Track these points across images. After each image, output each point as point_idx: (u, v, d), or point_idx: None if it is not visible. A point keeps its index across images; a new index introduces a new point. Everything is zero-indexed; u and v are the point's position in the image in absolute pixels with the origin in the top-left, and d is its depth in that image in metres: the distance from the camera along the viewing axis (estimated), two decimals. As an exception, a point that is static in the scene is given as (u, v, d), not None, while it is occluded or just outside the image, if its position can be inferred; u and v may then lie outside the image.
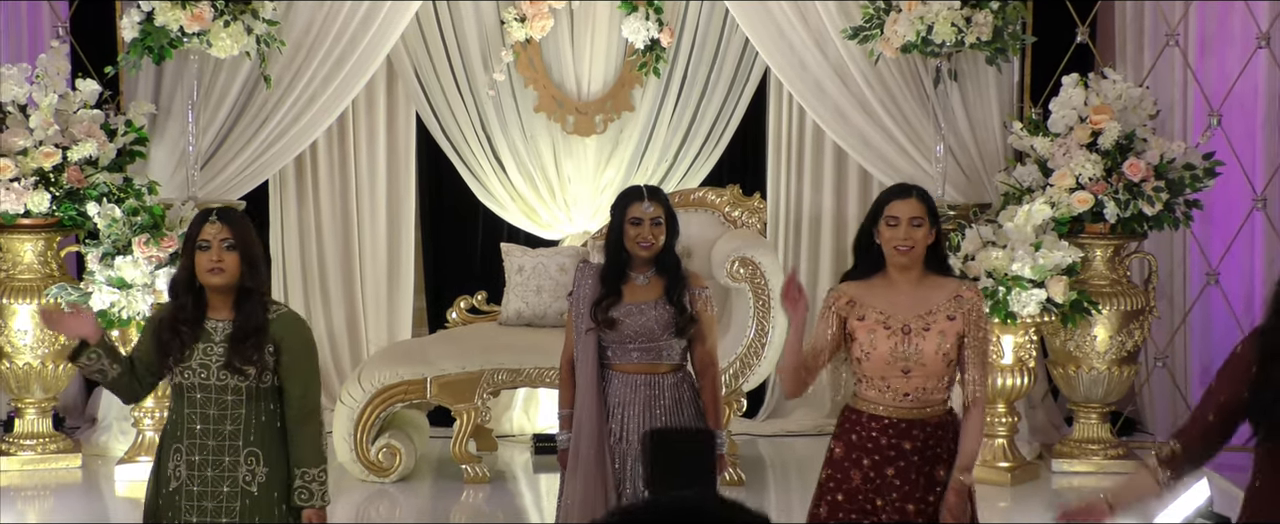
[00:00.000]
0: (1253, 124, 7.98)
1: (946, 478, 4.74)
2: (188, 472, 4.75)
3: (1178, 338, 8.08)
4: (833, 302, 4.78)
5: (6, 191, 6.91)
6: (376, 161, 8.33)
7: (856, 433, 4.76)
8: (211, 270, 4.69)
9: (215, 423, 4.75)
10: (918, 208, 4.71)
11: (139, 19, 7.04)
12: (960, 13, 7.07)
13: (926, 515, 4.74)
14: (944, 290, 4.76)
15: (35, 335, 7.19)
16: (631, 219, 5.32)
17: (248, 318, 4.73)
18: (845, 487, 4.75)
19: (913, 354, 4.68)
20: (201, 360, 4.70)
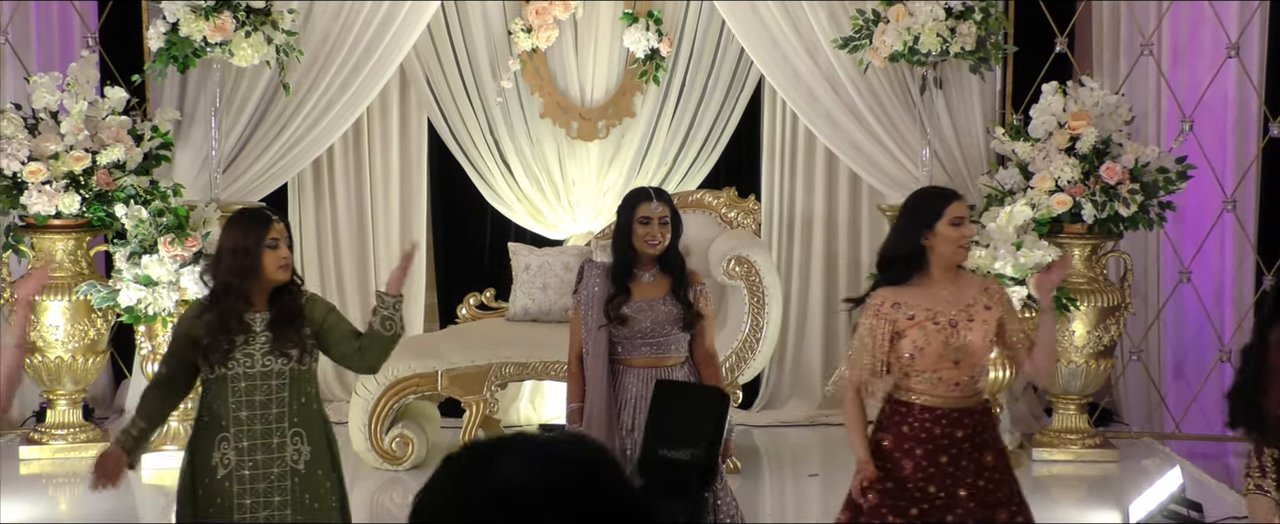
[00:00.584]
0: (1223, 129, 7.99)
1: (995, 462, 4.81)
2: (237, 457, 4.78)
3: (1152, 333, 8.08)
4: (878, 308, 4.78)
5: (39, 193, 6.92)
6: (390, 165, 8.34)
7: (908, 424, 4.78)
8: (282, 267, 4.75)
9: (261, 408, 4.79)
10: (966, 207, 4.82)
11: (165, 30, 7.04)
12: (945, 23, 7.07)
13: (977, 499, 4.77)
14: (974, 284, 4.85)
15: (66, 330, 7.20)
16: (640, 218, 5.33)
17: (286, 306, 4.80)
18: (896, 476, 4.76)
19: (962, 346, 4.73)
20: (245, 351, 4.75)
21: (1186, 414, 8.04)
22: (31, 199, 6.93)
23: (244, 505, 4.80)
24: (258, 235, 4.74)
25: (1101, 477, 6.98)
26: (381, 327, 4.86)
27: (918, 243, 4.75)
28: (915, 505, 4.75)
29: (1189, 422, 8.04)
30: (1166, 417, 8.05)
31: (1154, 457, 7.37)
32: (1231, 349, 7.97)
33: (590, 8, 8.17)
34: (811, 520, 6.35)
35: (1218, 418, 8.11)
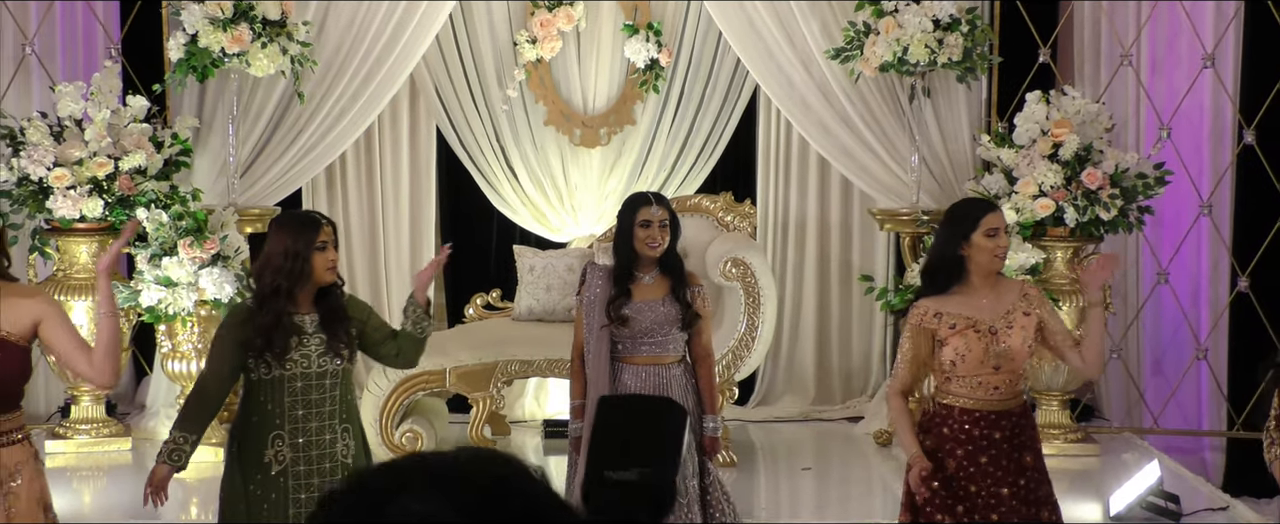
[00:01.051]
0: (1199, 137, 8.00)
1: (1033, 463, 4.83)
2: (292, 454, 4.78)
3: (1131, 332, 8.09)
4: (920, 319, 4.80)
5: (64, 198, 6.93)
6: (400, 170, 8.35)
7: (948, 426, 4.82)
8: (330, 268, 4.76)
9: (316, 406, 4.81)
10: (1003, 218, 4.83)
11: (184, 41, 7.05)
12: (933, 35, 7.09)
13: (1020, 498, 4.80)
14: (1012, 290, 4.87)
15: (89, 330, 7.19)
16: (641, 222, 5.34)
17: (333, 306, 4.82)
18: (939, 475, 4.79)
19: (1002, 352, 4.77)
20: (301, 352, 4.75)
21: (1164, 410, 8.05)
22: (56, 203, 6.94)
23: (299, 500, 4.80)
24: (308, 238, 4.73)
25: (1083, 470, 6.99)
26: (414, 329, 4.92)
27: (956, 253, 4.78)
28: (960, 503, 4.79)
29: (1167, 417, 8.06)
30: (1145, 412, 8.06)
31: (1133, 451, 7.38)
32: (1207, 347, 7.99)
33: (592, 19, 8.19)
34: (804, 512, 6.35)
35: (1194, 414, 8.13)
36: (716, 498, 5.53)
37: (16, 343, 4.14)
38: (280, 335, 4.72)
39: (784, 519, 6.12)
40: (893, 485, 6.83)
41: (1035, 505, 4.82)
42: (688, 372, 5.46)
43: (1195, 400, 8.14)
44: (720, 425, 5.56)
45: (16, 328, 4.14)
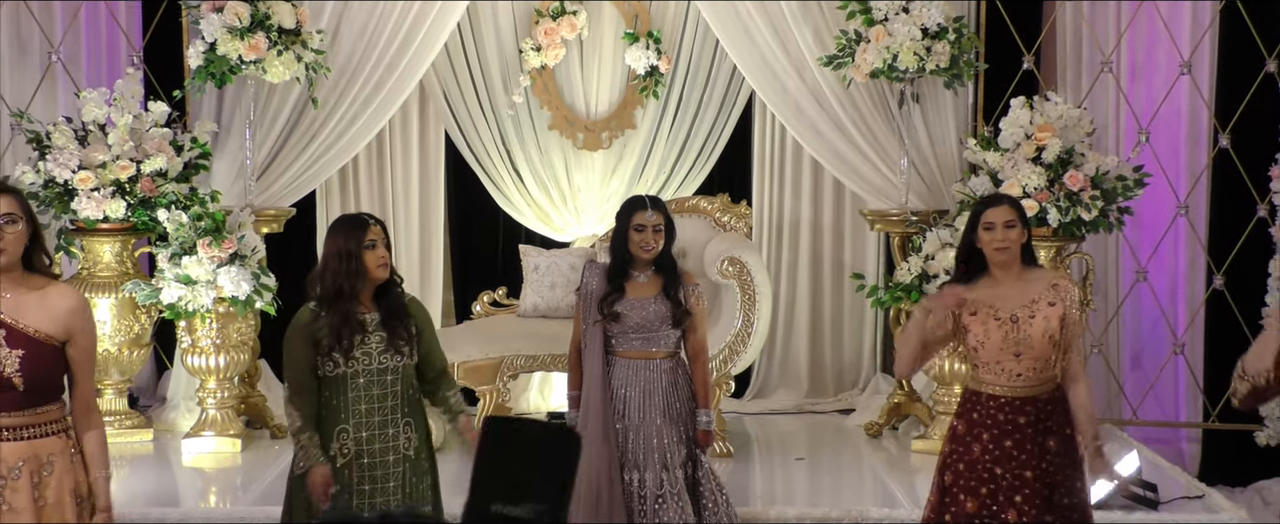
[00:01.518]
0: (1176, 141, 8.01)
1: (1057, 447, 4.85)
2: (356, 447, 4.82)
3: (1111, 327, 8.10)
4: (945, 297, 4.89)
5: (88, 199, 6.94)
6: (410, 173, 8.36)
7: (976, 411, 4.89)
8: (381, 265, 4.79)
9: (379, 401, 4.83)
10: (1009, 213, 4.88)
11: (203, 49, 7.05)
12: (922, 43, 7.09)
13: (1042, 480, 4.84)
14: (1042, 281, 4.90)
15: (113, 325, 7.22)
16: (635, 226, 5.36)
17: (394, 305, 4.85)
18: (966, 458, 4.87)
19: (1022, 339, 4.82)
20: (363, 350, 4.80)
21: (1143, 402, 8.06)
22: (81, 205, 6.96)
23: (363, 491, 4.84)
24: (358, 238, 4.78)
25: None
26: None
27: (974, 245, 4.86)
28: (984, 485, 4.85)
29: (1145, 409, 8.07)
30: (1125, 404, 8.07)
31: (1113, 441, 7.37)
32: (1184, 343, 8.00)
33: (595, 28, 8.20)
34: (799, 501, 6.36)
35: (1172, 406, 8.14)
36: (709, 489, 5.54)
37: (45, 342, 4.14)
38: (348, 333, 4.77)
39: (778, 507, 6.13)
40: (883, 475, 6.84)
41: (1053, 488, 4.86)
42: (679, 366, 5.48)
43: (1173, 393, 8.15)
44: (712, 419, 5.57)
45: (45, 328, 4.14)
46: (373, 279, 4.80)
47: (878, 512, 6.08)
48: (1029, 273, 4.93)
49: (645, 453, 5.42)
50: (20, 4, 7.86)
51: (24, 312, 4.13)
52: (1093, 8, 8.01)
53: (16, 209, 4.13)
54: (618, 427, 5.41)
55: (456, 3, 7.52)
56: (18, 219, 4.12)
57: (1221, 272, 7.91)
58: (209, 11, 7.02)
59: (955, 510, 4.89)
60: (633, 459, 5.43)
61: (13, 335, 4.10)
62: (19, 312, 4.12)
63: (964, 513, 4.87)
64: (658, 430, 5.42)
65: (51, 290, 4.21)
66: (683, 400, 5.49)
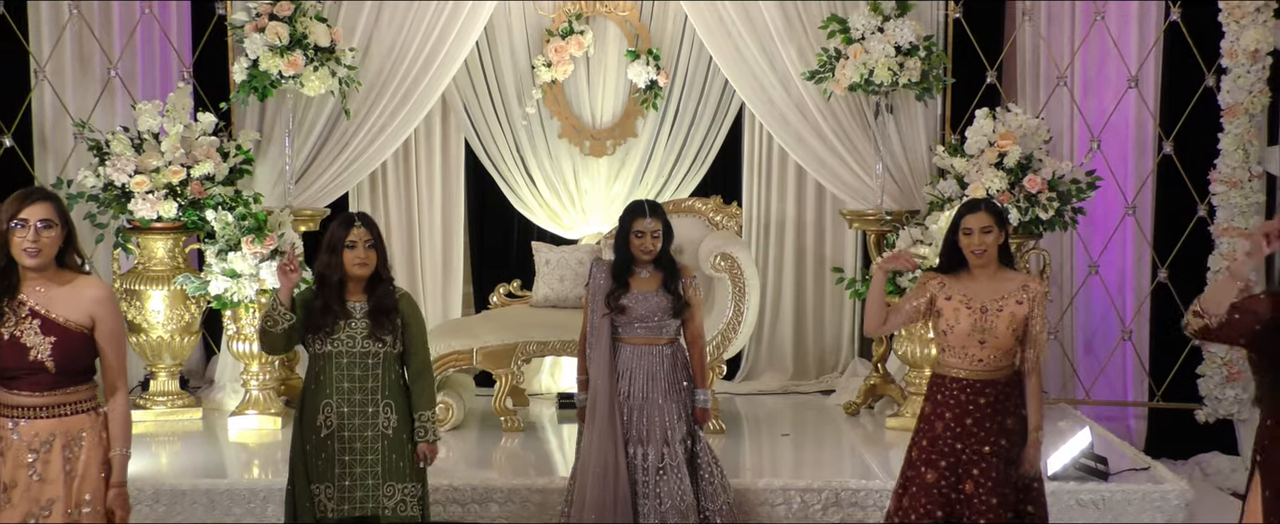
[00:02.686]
0: (1125, 148, 8.02)
1: (1013, 426, 4.93)
2: (339, 421, 4.92)
3: (1066, 316, 8.11)
4: (927, 280, 4.98)
5: (143, 201, 6.95)
6: (433, 177, 8.36)
7: (941, 392, 4.97)
8: (359, 264, 4.84)
9: (360, 381, 4.91)
10: (986, 219, 4.91)
11: (247, 65, 7.07)
12: (895, 59, 7.10)
13: (999, 455, 4.91)
14: (1014, 281, 4.94)
15: (165, 314, 7.23)
16: (635, 232, 5.38)
17: (382, 299, 4.94)
18: (929, 434, 4.97)
19: (988, 328, 4.88)
20: (348, 333, 4.90)
21: (1095, 384, 8.07)
22: (137, 206, 6.97)
23: (344, 461, 4.96)
24: (340, 237, 4.88)
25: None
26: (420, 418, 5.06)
27: (955, 245, 4.89)
28: (944, 458, 4.90)
29: (1097, 390, 8.08)
30: (1078, 385, 8.08)
31: (1067, 419, 7.39)
32: (1132, 330, 8.01)
33: (600, 46, 8.20)
34: (784, 473, 6.37)
35: (1120, 386, 8.15)
36: (706, 461, 5.56)
37: (74, 330, 4.19)
38: (329, 318, 4.89)
39: (766, 479, 6.14)
40: (860, 450, 6.85)
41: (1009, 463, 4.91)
42: (680, 351, 5.51)
43: (1121, 375, 8.16)
44: (709, 398, 5.60)
45: (73, 317, 4.19)
46: (349, 275, 4.88)
47: (855, 482, 6.10)
48: (1004, 272, 4.97)
49: (649, 429, 5.43)
50: (83, 24, 7.86)
51: (54, 303, 4.18)
52: (1049, 27, 8.01)
53: (53, 215, 4.18)
54: (624, 406, 5.43)
55: (476, 23, 7.53)
56: (53, 224, 4.17)
57: (1165, 266, 7.92)
58: (252, 31, 7.02)
59: (918, 481, 4.94)
60: (637, 435, 5.44)
61: (46, 324, 4.16)
62: (50, 303, 4.18)
63: (924, 483, 4.93)
64: (659, 409, 5.44)
65: (79, 282, 4.25)
66: (681, 381, 5.50)
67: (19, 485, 4.19)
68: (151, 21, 8.01)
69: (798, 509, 6.06)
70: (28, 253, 4.11)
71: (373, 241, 4.92)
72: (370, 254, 4.90)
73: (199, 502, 6.04)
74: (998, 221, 4.91)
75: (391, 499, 4.97)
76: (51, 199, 4.20)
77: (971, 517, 4.89)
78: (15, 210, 4.12)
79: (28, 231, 4.11)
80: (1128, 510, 6.06)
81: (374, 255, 4.92)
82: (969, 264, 4.93)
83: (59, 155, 7.90)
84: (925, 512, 4.92)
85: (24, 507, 4.19)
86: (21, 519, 4.18)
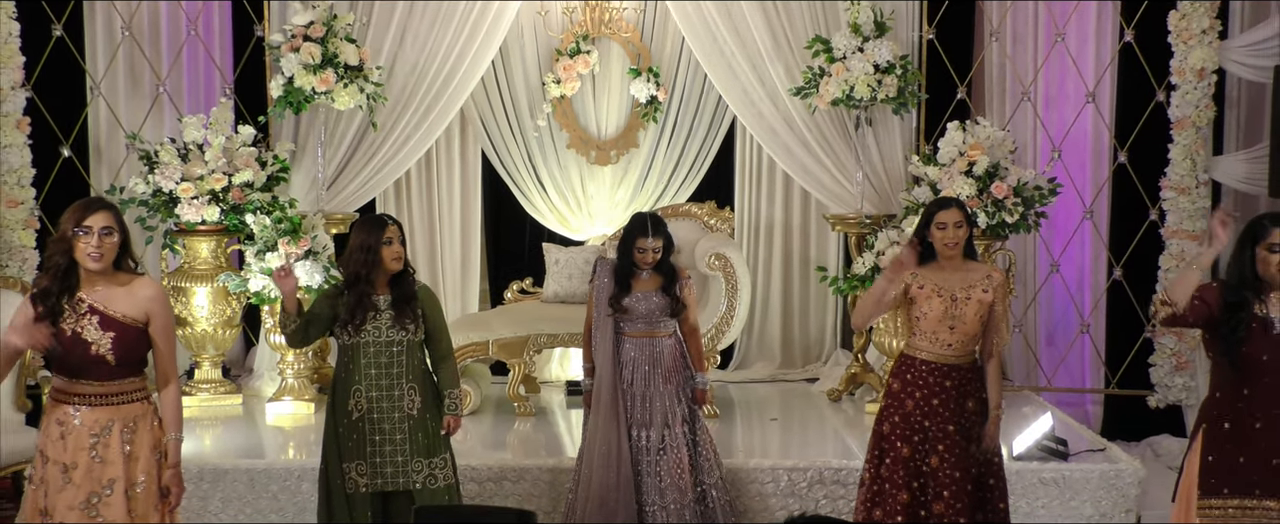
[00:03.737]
0: (1083, 158, 8.02)
1: (974, 408, 4.95)
2: (368, 404, 4.96)
3: (1029, 311, 8.11)
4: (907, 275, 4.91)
5: (189, 206, 6.95)
6: (453, 183, 8.36)
7: (910, 373, 4.95)
8: (395, 259, 4.88)
9: (386, 368, 4.95)
10: (958, 215, 4.93)
11: (283, 82, 7.07)
12: (874, 77, 7.10)
13: (962, 433, 4.93)
14: (979, 272, 4.96)
15: (209, 309, 7.23)
16: (639, 248, 5.40)
17: (405, 291, 4.94)
18: (900, 411, 4.96)
19: (958, 315, 4.89)
20: (374, 324, 4.94)
21: (1056, 372, 8.07)
22: (183, 210, 6.97)
23: (374, 441, 4.98)
24: (377, 236, 4.93)
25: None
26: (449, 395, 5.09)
27: (925, 238, 4.89)
28: (915, 434, 4.90)
29: (1058, 378, 8.08)
30: (1041, 374, 8.08)
31: (1031, 404, 7.40)
32: (1089, 323, 8.01)
33: (605, 64, 8.20)
34: (772, 453, 6.37)
35: (1079, 375, 8.14)
36: (703, 442, 5.56)
37: (131, 325, 4.23)
38: (361, 312, 4.92)
39: (756, 459, 6.14)
40: (842, 433, 6.84)
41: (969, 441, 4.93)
42: (677, 344, 5.52)
43: (1080, 365, 8.16)
44: (707, 381, 5.62)
45: (130, 313, 4.24)
46: (387, 270, 4.91)
47: (837, 462, 6.10)
48: (969, 264, 4.99)
49: (651, 414, 5.44)
50: (134, 45, 7.86)
51: (113, 301, 4.22)
52: (1014, 48, 8.01)
53: (113, 222, 4.22)
54: (627, 394, 5.44)
55: (491, 43, 7.53)
56: (113, 231, 4.21)
57: (1120, 265, 7.92)
58: (288, 51, 7.02)
59: (893, 455, 4.95)
60: (640, 419, 5.45)
61: (105, 320, 4.19)
62: (109, 301, 4.22)
63: (900, 457, 4.95)
64: (660, 395, 5.45)
65: (135, 283, 4.29)
66: (680, 370, 5.51)
67: (80, 467, 4.21)
68: (196, 42, 8.01)
69: (785, 487, 6.06)
70: (91, 257, 4.15)
71: (402, 238, 4.99)
72: (402, 249, 4.97)
73: (239, 480, 6.04)
74: (966, 218, 4.94)
75: (420, 474, 5.02)
76: (111, 208, 4.24)
77: (937, 488, 4.90)
78: (79, 218, 4.17)
79: (91, 238, 4.15)
80: (1086, 488, 6.06)
81: (403, 250, 4.97)
82: (938, 256, 4.94)
83: (112, 164, 7.90)
84: (902, 482, 4.93)
85: (87, 487, 4.22)
86: (85, 498, 4.20)
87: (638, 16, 8.14)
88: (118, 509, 4.20)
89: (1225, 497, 4.20)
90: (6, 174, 7.38)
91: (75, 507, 4.19)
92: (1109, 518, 6.06)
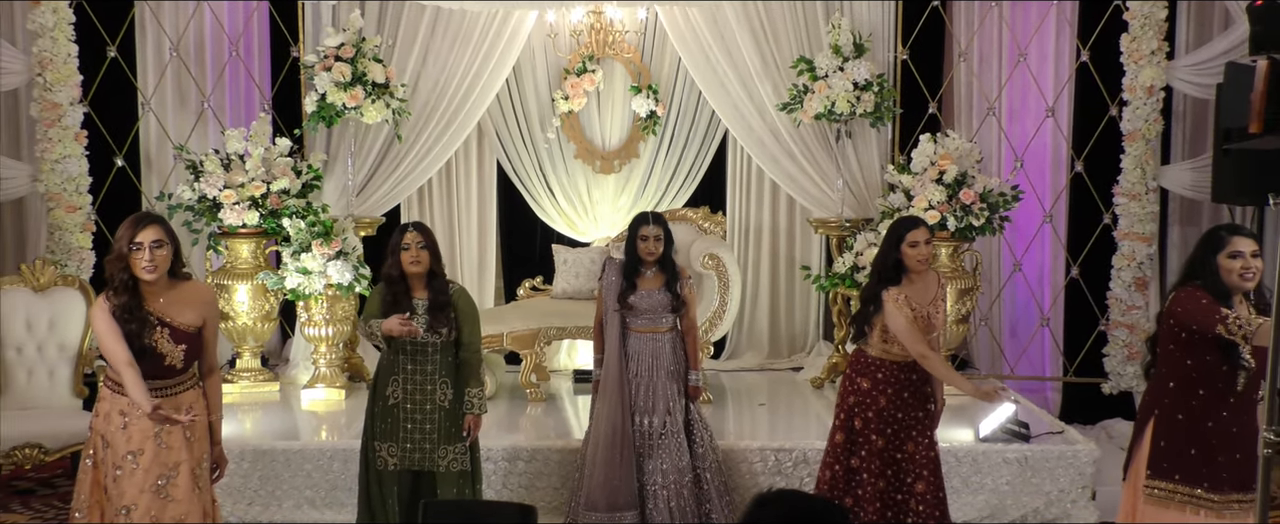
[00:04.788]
0: (1043, 167, 8.01)
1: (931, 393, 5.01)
2: (403, 395, 4.97)
3: (994, 307, 8.11)
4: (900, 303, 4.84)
5: (231, 211, 6.95)
6: (470, 190, 8.35)
7: (882, 373, 4.93)
8: (413, 262, 4.86)
9: (420, 365, 4.96)
10: (926, 231, 4.91)
11: (316, 98, 7.07)
12: (853, 93, 7.10)
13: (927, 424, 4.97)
14: (932, 280, 5.00)
15: (249, 304, 7.23)
16: (640, 236, 5.38)
17: (439, 294, 4.95)
18: (874, 407, 4.93)
19: (930, 325, 4.92)
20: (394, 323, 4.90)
21: (1019, 362, 8.07)
22: (226, 215, 6.97)
23: (407, 428, 4.99)
24: (397, 241, 4.95)
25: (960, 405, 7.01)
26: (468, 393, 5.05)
27: (896, 256, 4.85)
28: (889, 426, 4.89)
29: (1020, 367, 8.08)
30: (1005, 363, 8.08)
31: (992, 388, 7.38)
32: (1049, 317, 8.01)
33: (608, 82, 8.19)
34: (761, 436, 6.36)
35: (1039, 362, 8.14)
36: (697, 427, 5.56)
37: (195, 333, 4.31)
38: (397, 310, 4.91)
39: (746, 440, 6.14)
40: (824, 417, 6.84)
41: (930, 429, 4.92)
42: (677, 337, 5.52)
43: (1040, 355, 8.16)
44: (701, 377, 5.61)
45: (193, 322, 4.30)
46: (410, 274, 4.90)
47: (819, 443, 6.06)
48: (927, 274, 4.97)
49: (653, 401, 5.45)
50: (181, 64, 7.86)
51: (177, 312, 4.27)
52: (980, 67, 8.00)
53: (163, 235, 4.24)
54: (632, 382, 5.44)
55: (505, 63, 7.53)
56: (164, 243, 4.24)
57: (1077, 265, 7.91)
58: (321, 71, 7.03)
59: (868, 447, 4.92)
60: (643, 406, 5.45)
61: (175, 333, 4.26)
62: (173, 313, 4.27)
63: (875, 448, 4.91)
64: (662, 385, 5.45)
65: (188, 288, 4.35)
66: (680, 362, 5.51)
67: (146, 453, 4.25)
68: (238, 62, 8.01)
69: (772, 466, 6.06)
70: (146, 270, 4.19)
71: (424, 244, 4.95)
72: (422, 254, 4.93)
73: (277, 459, 6.05)
74: (931, 232, 4.95)
75: (444, 459, 5.05)
76: (160, 221, 4.27)
77: (916, 470, 4.90)
78: (131, 235, 4.19)
79: (144, 253, 4.18)
80: (1045, 467, 6.06)
81: (426, 255, 4.94)
82: (908, 271, 4.89)
83: (161, 173, 7.90)
84: (878, 470, 4.92)
85: (155, 470, 4.25)
86: (154, 481, 4.24)
87: (638, 39, 8.14)
88: (185, 487, 4.26)
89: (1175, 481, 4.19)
90: (66, 182, 7.37)
91: (146, 489, 4.23)
92: (1067, 493, 6.06)
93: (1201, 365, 4.15)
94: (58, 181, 7.34)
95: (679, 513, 5.43)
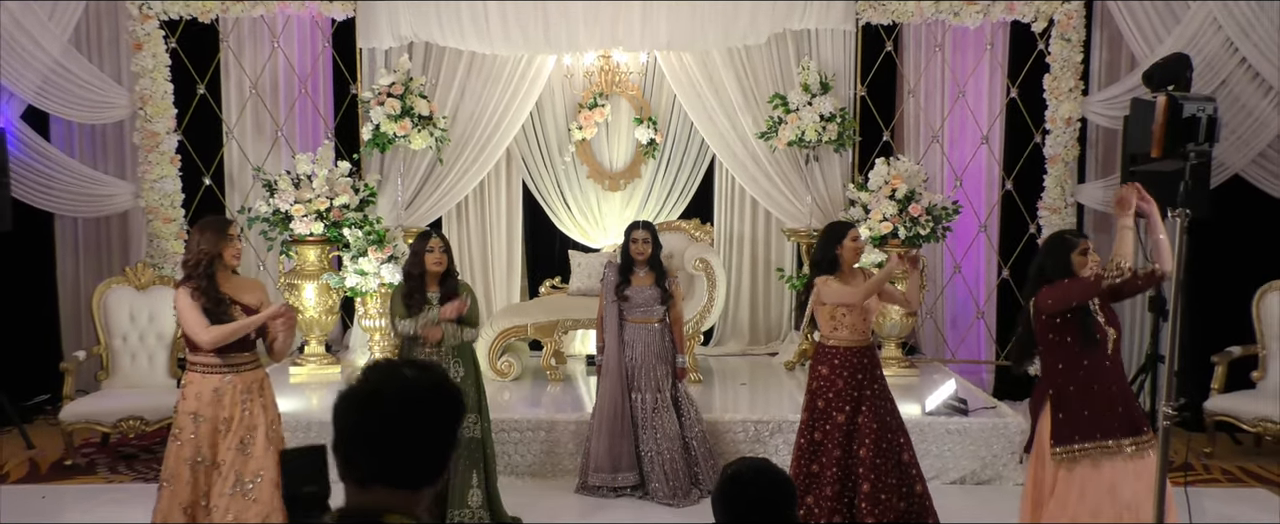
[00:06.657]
0: (979, 185, 8.00)
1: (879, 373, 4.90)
2: None
3: (938, 302, 8.09)
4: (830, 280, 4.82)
5: (300, 222, 6.95)
6: (500, 204, 8.34)
7: (836, 359, 4.87)
8: (437, 264, 4.87)
9: (436, 347, 4.94)
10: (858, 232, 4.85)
11: (371, 128, 7.08)
12: (820, 124, 7.10)
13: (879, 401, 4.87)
14: (860, 276, 4.90)
15: (315, 300, 7.22)
16: (632, 240, 5.40)
17: (450, 290, 4.95)
18: (834, 388, 4.86)
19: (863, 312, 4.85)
20: (429, 315, 4.94)
21: (959, 348, 8.05)
22: (295, 225, 6.96)
23: None
24: (423, 244, 4.93)
25: (908, 384, 7.02)
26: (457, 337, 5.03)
27: (834, 252, 4.83)
28: (847, 404, 4.83)
29: (960, 352, 8.06)
30: (946, 349, 8.06)
31: (939, 373, 7.38)
32: (984, 311, 7.99)
33: (616, 115, 8.19)
34: (742, 410, 6.35)
35: (976, 348, 8.12)
36: (685, 402, 5.56)
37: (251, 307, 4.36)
38: (415, 303, 4.95)
39: (730, 414, 6.13)
40: (795, 394, 6.83)
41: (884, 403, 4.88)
42: (666, 327, 5.52)
43: (976, 342, 8.14)
44: (686, 359, 5.62)
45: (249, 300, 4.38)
46: (431, 272, 4.91)
47: (791, 416, 6.09)
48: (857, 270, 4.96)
49: (646, 380, 5.45)
50: (258, 100, 7.87)
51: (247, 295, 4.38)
52: (926, 102, 7.99)
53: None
54: (629, 366, 5.44)
55: (529, 99, 7.53)
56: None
57: (1007, 267, 7.90)
58: (375, 105, 7.04)
59: (830, 423, 4.88)
60: (638, 385, 5.45)
61: (246, 309, 4.33)
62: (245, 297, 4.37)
63: (836, 423, 4.87)
64: (653, 368, 5.46)
65: (244, 278, 4.48)
66: (669, 348, 5.51)
67: (235, 419, 4.32)
68: (306, 98, 8.02)
69: (752, 435, 6.05)
70: (236, 258, 4.34)
71: (445, 248, 5.00)
72: (443, 257, 4.96)
73: (338, 430, 6.02)
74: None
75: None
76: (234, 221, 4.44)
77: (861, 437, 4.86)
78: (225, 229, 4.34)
79: (237, 243, 4.34)
80: (981, 437, 6.05)
81: (445, 258, 4.98)
82: (843, 267, 4.88)
83: (242, 191, 7.90)
84: (839, 440, 4.90)
85: (240, 432, 4.33)
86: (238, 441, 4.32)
87: (641, 79, 8.14)
88: (261, 445, 4.31)
89: (1077, 442, 4.18)
90: (162, 198, 7.39)
91: (232, 447, 4.32)
92: (999, 458, 6.05)
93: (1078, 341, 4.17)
94: (156, 198, 7.35)
95: (671, 474, 5.44)
